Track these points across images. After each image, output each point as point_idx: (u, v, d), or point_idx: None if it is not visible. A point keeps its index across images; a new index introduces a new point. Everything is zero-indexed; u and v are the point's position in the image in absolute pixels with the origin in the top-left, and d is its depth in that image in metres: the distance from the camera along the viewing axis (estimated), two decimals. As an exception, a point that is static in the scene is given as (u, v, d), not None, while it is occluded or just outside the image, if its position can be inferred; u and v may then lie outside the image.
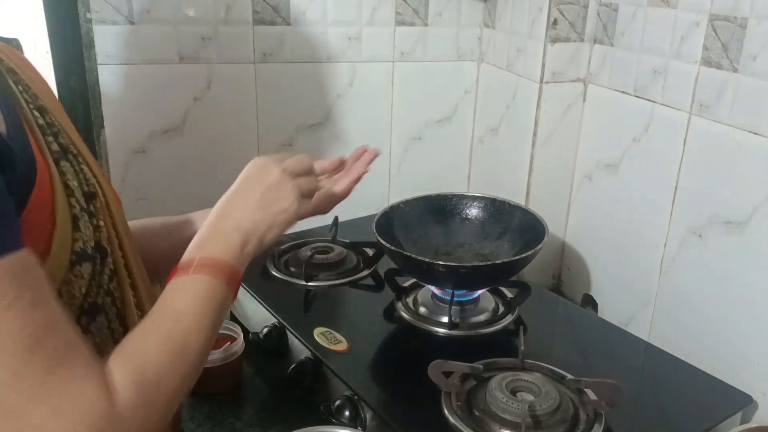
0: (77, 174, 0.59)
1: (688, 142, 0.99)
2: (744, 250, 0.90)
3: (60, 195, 0.54)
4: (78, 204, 0.56)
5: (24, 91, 0.60)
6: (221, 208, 0.66)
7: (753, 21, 0.87)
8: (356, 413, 0.81)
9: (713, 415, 0.83)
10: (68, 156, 0.59)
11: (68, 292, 0.53)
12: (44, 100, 0.62)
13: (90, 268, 0.56)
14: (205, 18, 1.17)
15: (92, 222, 0.58)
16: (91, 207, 0.59)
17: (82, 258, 0.55)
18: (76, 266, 0.54)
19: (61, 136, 0.60)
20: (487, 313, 1.01)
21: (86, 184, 0.59)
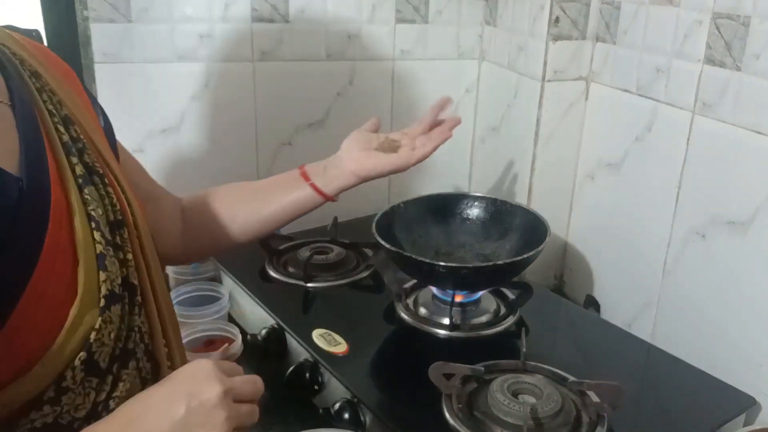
0: (102, 199, 0.55)
1: (691, 141, 0.98)
2: (747, 250, 0.90)
3: (82, 231, 0.50)
4: (103, 239, 0.52)
5: (49, 99, 0.56)
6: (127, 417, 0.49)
7: (756, 19, 0.86)
8: (356, 416, 0.81)
9: (716, 417, 0.82)
10: (93, 177, 0.55)
11: (98, 341, 0.49)
12: (70, 106, 0.58)
13: (119, 310, 0.52)
14: (203, 16, 1.16)
15: (118, 256, 0.54)
16: (117, 238, 0.55)
17: (111, 300, 0.51)
18: (106, 311, 0.50)
19: (86, 153, 0.56)
20: (488, 315, 1.00)
21: (112, 211, 0.55)
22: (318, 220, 1.29)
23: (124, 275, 0.53)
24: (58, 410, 0.48)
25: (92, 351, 0.49)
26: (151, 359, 0.57)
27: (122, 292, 0.52)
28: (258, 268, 1.12)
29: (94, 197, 0.53)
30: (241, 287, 1.07)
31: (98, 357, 0.49)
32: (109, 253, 0.52)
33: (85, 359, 0.48)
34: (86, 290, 0.49)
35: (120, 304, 0.52)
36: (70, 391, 0.48)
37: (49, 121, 0.54)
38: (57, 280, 0.47)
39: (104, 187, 0.56)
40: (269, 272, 1.10)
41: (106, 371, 0.50)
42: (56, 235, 0.48)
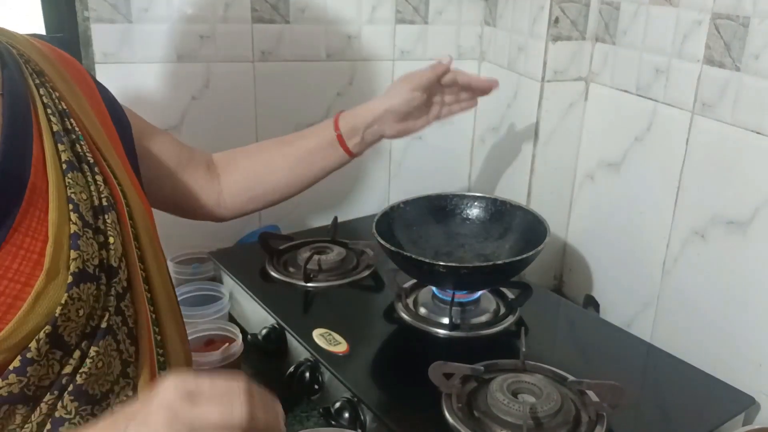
0: (89, 185, 0.57)
1: (691, 141, 0.98)
2: (747, 250, 0.90)
3: (57, 212, 0.52)
4: (80, 220, 0.54)
5: (47, 94, 0.59)
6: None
7: (755, 20, 0.86)
8: (356, 415, 0.81)
9: (716, 417, 0.82)
10: (82, 165, 0.57)
11: (64, 315, 0.51)
12: (72, 104, 0.61)
13: (93, 289, 0.53)
14: (204, 16, 1.16)
15: (98, 239, 0.55)
16: (100, 222, 0.56)
17: (82, 278, 0.52)
18: (74, 287, 0.51)
19: (78, 144, 0.58)
20: (488, 314, 1.00)
21: (98, 197, 0.57)
22: (318, 220, 1.29)
23: (102, 257, 0.55)
24: (24, 380, 0.49)
25: (57, 325, 0.50)
26: (134, 343, 0.58)
27: (98, 273, 0.54)
28: (258, 268, 1.12)
29: (80, 182, 0.56)
30: (241, 287, 1.07)
31: (63, 331, 0.51)
32: (86, 235, 0.54)
33: (50, 332, 0.50)
34: (52, 266, 0.50)
35: (94, 284, 0.53)
36: (36, 362, 0.49)
37: (42, 112, 0.57)
38: (24, 255, 0.49)
39: (92, 174, 0.58)
40: (269, 272, 1.10)
41: (74, 346, 0.52)
42: (30, 216, 0.50)
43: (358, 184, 1.39)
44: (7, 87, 0.56)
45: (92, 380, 0.53)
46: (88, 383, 0.53)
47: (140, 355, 0.59)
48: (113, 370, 0.55)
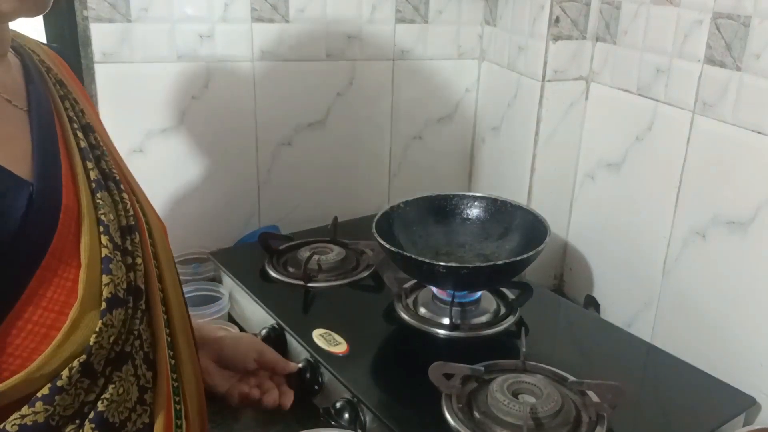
0: (116, 205, 0.55)
1: (691, 141, 0.98)
2: (747, 250, 0.90)
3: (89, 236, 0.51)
4: (111, 243, 0.52)
5: (71, 107, 0.57)
6: None
7: (756, 19, 0.86)
8: (356, 416, 0.81)
9: (716, 417, 0.82)
10: (108, 183, 0.56)
11: (98, 343, 0.49)
12: (91, 118, 0.60)
13: (122, 314, 0.52)
14: (203, 16, 1.16)
15: (126, 261, 0.54)
16: (128, 243, 0.55)
17: (114, 304, 0.51)
18: (107, 314, 0.50)
19: (104, 160, 0.57)
20: (488, 315, 1.00)
21: (125, 216, 0.56)
22: (318, 220, 1.29)
23: (130, 280, 0.53)
24: (51, 410, 0.48)
25: (91, 353, 0.49)
26: (151, 368, 0.56)
27: (127, 296, 0.52)
28: (258, 268, 1.12)
29: (107, 202, 0.54)
30: (241, 287, 1.07)
31: (94, 359, 0.49)
32: (116, 258, 0.52)
33: (84, 361, 0.48)
34: (87, 293, 0.49)
35: (123, 309, 0.52)
36: (65, 391, 0.48)
37: (68, 126, 0.55)
38: (58, 282, 0.48)
39: (119, 192, 0.56)
40: (269, 272, 1.10)
41: (100, 374, 0.51)
42: (63, 239, 0.48)
43: (358, 184, 1.39)
44: (34, 103, 0.54)
45: (113, 408, 0.51)
46: (109, 411, 0.51)
47: (157, 380, 0.57)
48: (131, 397, 0.53)
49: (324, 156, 1.34)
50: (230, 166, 1.27)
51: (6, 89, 0.54)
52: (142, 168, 1.20)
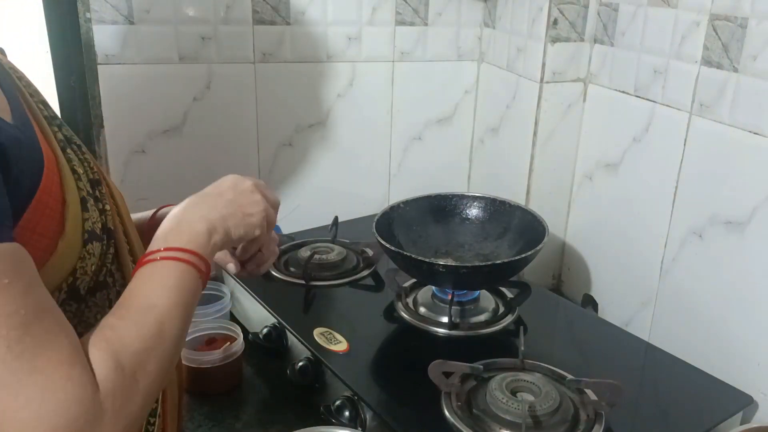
0: (82, 162, 0.62)
1: (689, 142, 0.99)
2: (744, 250, 0.90)
3: (68, 178, 0.57)
4: (85, 188, 0.59)
5: (27, 86, 0.64)
6: (189, 203, 0.66)
7: (753, 21, 0.87)
8: (356, 413, 0.81)
9: (713, 416, 0.83)
10: (72, 146, 0.63)
11: (82, 269, 0.56)
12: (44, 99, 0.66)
13: (99, 248, 0.58)
14: (205, 18, 1.17)
15: (98, 206, 0.61)
16: (97, 192, 0.62)
17: (93, 237, 0.57)
18: (88, 244, 0.57)
19: (64, 129, 0.64)
20: (487, 314, 1.01)
21: (91, 172, 0.63)
22: (318, 220, 1.30)
23: (103, 221, 0.60)
24: None
25: (76, 277, 0.55)
26: None
27: (102, 234, 0.59)
28: (259, 268, 1.12)
29: (75, 158, 0.61)
30: (242, 286, 1.07)
31: (80, 284, 0.56)
32: (90, 201, 0.59)
33: (71, 283, 0.55)
34: (71, 225, 0.55)
35: (99, 243, 0.59)
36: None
37: (30, 99, 0.61)
38: (49, 214, 0.53)
39: (82, 153, 0.63)
40: (270, 272, 1.11)
41: (82, 299, 0.57)
42: (49, 181, 0.54)
43: (358, 184, 1.40)
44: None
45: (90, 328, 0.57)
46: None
47: None
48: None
49: (324, 156, 1.35)
50: (231, 166, 1.26)
51: None
52: (144, 168, 1.21)
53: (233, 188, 0.68)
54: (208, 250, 0.62)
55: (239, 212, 0.66)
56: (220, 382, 0.93)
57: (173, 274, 0.58)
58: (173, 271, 0.58)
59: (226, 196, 0.66)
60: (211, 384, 0.93)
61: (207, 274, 0.61)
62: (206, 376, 0.92)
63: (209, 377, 0.93)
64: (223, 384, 0.94)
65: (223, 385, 0.94)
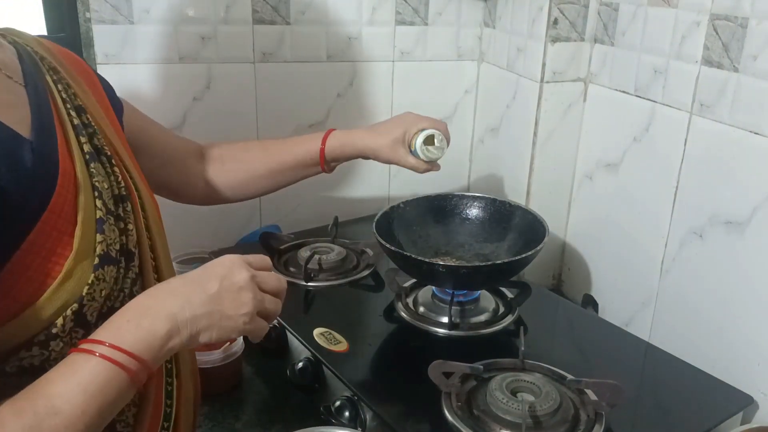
0: (108, 176, 0.60)
1: (689, 141, 0.98)
2: (745, 250, 0.90)
3: (86, 196, 0.55)
4: (104, 207, 0.57)
5: (63, 90, 0.62)
6: (168, 289, 0.58)
7: (754, 21, 0.86)
8: (356, 413, 0.81)
9: (714, 416, 0.82)
10: (101, 158, 0.61)
11: (90, 295, 0.54)
12: (84, 100, 0.64)
13: (114, 272, 0.56)
14: (205, 17, 1.17)
15: (119, 225, 0.58)
16: (120, 210, 0.59)
17: (106, 261, 0.55)
18: (99, 269, 0.54)
19: (96, 138, 0.62)
20: (487, 314, 1.01)
21: (117, 187, 0.60)
22: (318, 220, 1.30)
23: (122, 242, 0.58)
24: (46, 354, 0.52)
25: (83, 304, 0.53)
26: None
27: (119, 257, 0.57)
28: (259, 268, 1.12)
29: (100, 172, 0.59)
30: (242, 287, 1.07)
31: (87, 311, 0.54)
32: (109, 221, 0.57)
33: (76, 310, 0.53)
34: (81, 247, 0.53)
35: (115, 267, 0.56)
36: (59, 338, 0.52)
37: (62, 106, 0.60)
38: (57, 236, 0.52)
39: (111, 166, 0.61)
40: (270, 272, 1.11)
41: (92, 326, 0.55)
42: (62, 199, 0.53)
43: (358, 184, 1.40)
44: (29, 80, 0.59)
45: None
46: None
47: None
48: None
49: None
50: (231, 166, 1.28)
51: (6, 66, 0.59)
52: (144, 168, 1.21)
53: (221, 280, 0.58)
54: (161, 354, 0.54)
55: (217, 314, 0.57)
56: (219, 382, 0.93)
57: (101, 378, 0.50)
58: (103, 375, 0.50)
59: (209, 290, 0.57)
60: (210, 384, 0.93)
61: (144, 380, 0.54)
62: (206, 376, 0.92)
63: (209, 377, 0.92)
64: (222, 384, 0.94)
65: (222, 385, 0.94)
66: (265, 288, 0.62)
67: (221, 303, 0.57)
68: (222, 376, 0.93)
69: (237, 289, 0.58)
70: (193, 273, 0.59)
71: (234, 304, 0.58)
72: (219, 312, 0.57)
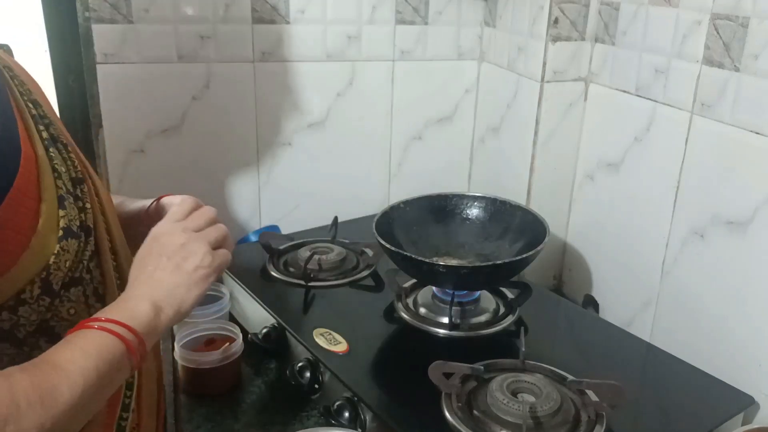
0: (65, 161, 0.64)
1: (690, 141, 0.98)
2: (746, 250, 0.90)
3: (46, 176, 0.59)
4: (64, 186, 0.61)
5: (19, 84, 0.66)
6: (134, 276, 0.65)
7: (755, 20, 0.86)
8: (356, 414, 0.81)
9: (715, 416, 0.82)
10: (57, 145, 0.65)
11: (56, 264, 0.58)
12: (38, 97, 0.68)
13: (76, 245, 0.60)
14: (204, 16, 1.16)
15: (77, 204, 0.63)
16: (78, 191, 0.64)
17: (69, 234, 0.59)
18: (63, 241, 0.59)
19: (52, 128, 0.66)
20: (487, 314, 1.00)
21: (74, 170, 0.65)
22: (318, 220, 1.29)
23: (82, 219, 0.62)
24: (15, 319, 0.56)
25: (50, 272, 0.57)
26: (100, 301, 0.65)
27: (79, 231, 0.61)
28: (259, 268, 1.12)
29: (58, 157, 0.63)
30: (241, 287, 1.07)
31: (53, 279, 0.58)
32: (69, 199, 0.61)
33: (44, 278, 0.57)
34: (46, 222, 0.57)
35: (77, 241, 0.60)
36: (27, 304, 0.57)
37: (20, 98, 0.63)
38: (23, 212, 0.56)
39: (67, 153, 0.65)
40: (270, 272, 1.10)
41: (57, 293, 0.59)
42: (25, 180, 0.56)
43: (358, 184, 1.40)
44: None
45: (64, 326, 0.59)
46: (61, 327, 0.60)
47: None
48: (82, 316, 0.62)
49: (324, 156, 1.34)
50: (231, 166, 1.27)
51: None
52: (143, 168, 1.21)
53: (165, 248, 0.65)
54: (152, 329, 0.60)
55: (183, 275, 0.64)
56: (219, 383, 0.93)
57: (98, 342, 0.55)
58: (98, 340, 0.56)
59: (162, 262, 0.64)
60: (210, 385, 0.93)
61: (141, 355, 0.58)
62: (205, 376, 0.92)
63: (208, 378, 0.92)
64: (222, 385, 0.94)
65: (222, 386, 0.94)
66: (201, 227, 0.69)
67: (179, 265, 0.64)
68: (221, 377, 0.93)
69: (182, 247, 0.65)
70: (143, 257, 0.65)
71: (189, 258, 0.65)
72: (184, 273, 0.64)
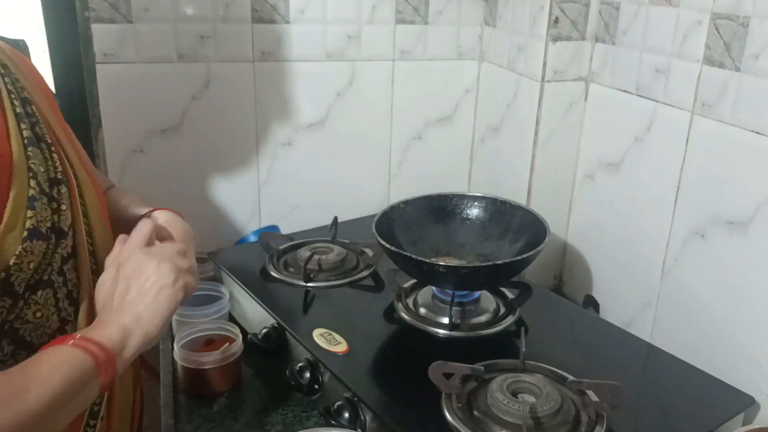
0: (46, 161, 0.64)
1: (691, 141, 0.98)
2: (747, 250, 0.90)
3: (20, 175, 0.60)
4: (38, 187, 0.61)
5: (10, 83, 0.66)
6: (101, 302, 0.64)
7: (755, 20, 0.86)
8: (356, 415, 0.81)
9: (715, 417, 0.82)
10: (41, 144, 0.65)
11: (17, 265, 0.58)
12: (32, 95, 0.68)
13: (43, 247, 0.60)
14: (204, 16, 1.16)
15: (51, 206, 0.63)
16: (55, 192, 0.64)
17: (35, 235, 0.59)
18: (28, 242, 0.59)
19: (38, 126, 0.66)
20: (487, 314, 1.00)
21: (54, 171, 0.64)
22: (318, 220, 1.29)
23: (54, 221, 0.62)
24: None
25: (10, 273, 0.57)
26: (73, 304, 0.65)
27: (49, 233, 0.61)
28: (258, 268, 1.12)
29: (38, 156, 0.63)
30: (241, 287, 1.07)
31: (14, 280, 0.58)
32: (42, 200, 0.61)
33: (4, 278, 0.57)
34: (10, 220, 0.57)
35: (45, 243, 0.60)
36: None
37: (6, 96, 0.64)
38: None
39: (49, 152, 0.65)
40: (270, 272, 1.10)
41: (19, 296, 0.59)
42: None
43: (358, 184, 1.40)
44: None
45: (29, 329, 0.60)
46: (25, 331, 0.60)
47: (79, 317, 0.67)
48: (51, 324, 0.63)
49: (324, 156, 1.34)
50: (230, 166, 1.27)
51: None
52: (143, 167, 1.21)
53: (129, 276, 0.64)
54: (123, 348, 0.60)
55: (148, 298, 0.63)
56: (218, 383, 0.93)
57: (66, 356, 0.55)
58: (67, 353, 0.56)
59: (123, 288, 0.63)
60: (209, 385, 0.93)
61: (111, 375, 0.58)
62: (205, 377, 0.92)
63: (208, 378, 0.92)
64: (221, 385, 0.93)
65: (221, 386, 0.93)
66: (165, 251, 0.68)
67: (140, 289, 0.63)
68: (220, 377, 0.93)
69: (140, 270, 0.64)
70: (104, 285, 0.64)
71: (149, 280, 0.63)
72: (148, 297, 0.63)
